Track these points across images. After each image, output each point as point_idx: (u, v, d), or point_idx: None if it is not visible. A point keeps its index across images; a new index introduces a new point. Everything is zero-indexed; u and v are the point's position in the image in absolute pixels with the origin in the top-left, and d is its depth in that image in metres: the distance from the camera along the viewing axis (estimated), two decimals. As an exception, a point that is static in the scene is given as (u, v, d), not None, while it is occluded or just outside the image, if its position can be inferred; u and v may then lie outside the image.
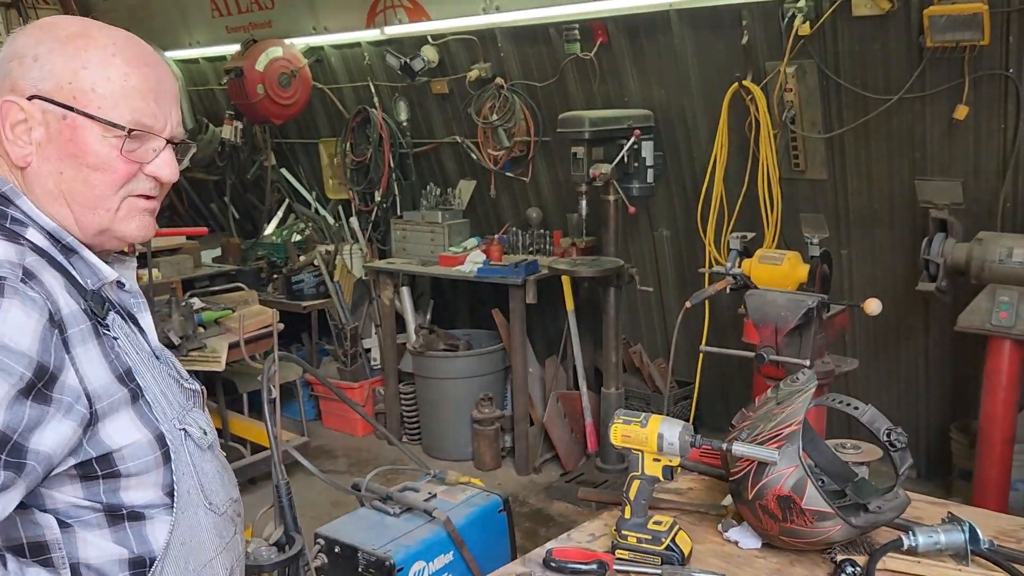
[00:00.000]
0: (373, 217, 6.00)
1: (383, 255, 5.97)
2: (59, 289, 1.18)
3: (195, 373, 4.91)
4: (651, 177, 4.63)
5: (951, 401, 4.31)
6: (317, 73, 6.05)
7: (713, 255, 4.54)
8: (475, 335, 5.61)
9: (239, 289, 5.34)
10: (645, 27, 4.53)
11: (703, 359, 4.67)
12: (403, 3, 5.28)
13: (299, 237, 6.50)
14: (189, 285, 5.54)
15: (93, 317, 1.22)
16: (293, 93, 5.84)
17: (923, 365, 4.35)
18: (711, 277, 3.89)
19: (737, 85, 4.26)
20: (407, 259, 5.56)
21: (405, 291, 5.76)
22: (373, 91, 5.80)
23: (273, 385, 2.63)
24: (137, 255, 4.63)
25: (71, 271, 1.23)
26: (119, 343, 1.25)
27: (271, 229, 6.82)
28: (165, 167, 1.30)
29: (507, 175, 5.42)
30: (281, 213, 6.90)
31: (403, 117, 5.78)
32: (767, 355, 3.04)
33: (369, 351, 5.94)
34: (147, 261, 4.28)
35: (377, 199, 5.90)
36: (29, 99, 1.21)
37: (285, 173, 6.81)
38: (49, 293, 1.16)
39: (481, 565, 2.55)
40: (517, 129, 5.19)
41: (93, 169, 1.23)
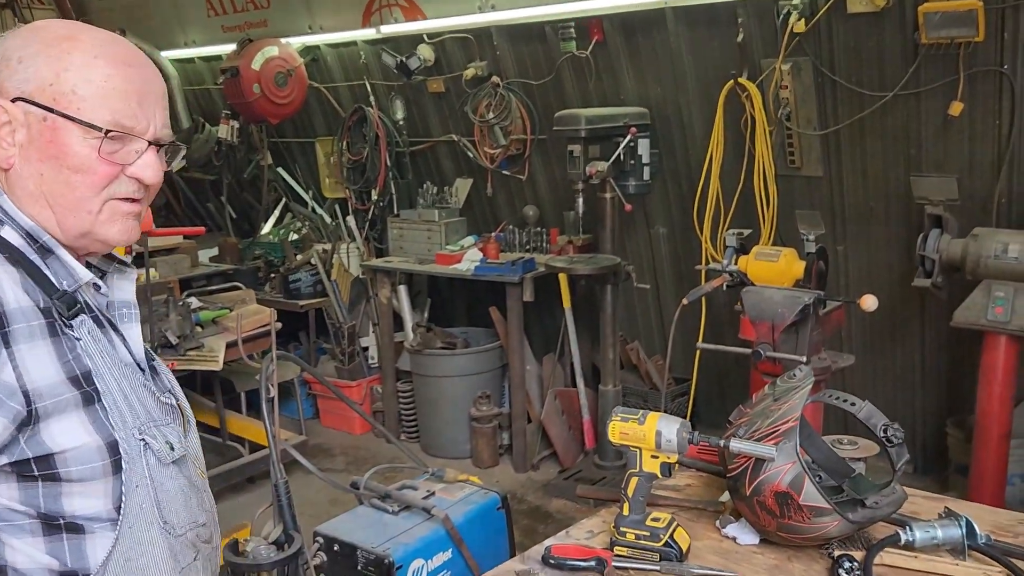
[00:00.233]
0: (370, 216, 6.00)
1: (380, 254, 5.98)
2: (9, 284, 1.18)
3: (192, 375, 4.92)
4: (647, 175, 4.63)
5: (947, 396, 4.33)
6: (313, 72, 6.05)
7: (709, 252, 4.55)
8: (472, 333, 5.62)
9: (236, 288, 5.34)
10: (641, 25, 4.53)
11: (700, 356, 4.68)
12: (399, 2, 5.28)
13: (296, 236, 6.49)
14: (186, 285, 5.53)
15: (53, 316, 1.20)
16: (289, 92, 5.84)
17: (919, 361, 4.37)
18: (708, 274, 3.90)
19: (733, 82, 4.28)
20: (404, 257, 5.56)
21: (402, 289, 5.77)
22: (369, 90, 5.80)
23: (271, 384, 2.64)
24: (134, 255, 4.64)
25: (44, 270, 1.23)
26: (82, 345, 1.22)
27: (268, 228, 6.81)
28: (147, 169, 1.28)
29: (504, 173, 5.43)
30: (278, 212, 6.90)
31: (399, 116, 5.78)
32: (764, 352, 3.06)
33: (367, 350, 5.95)
34: (145, 261, 4.28)
35: (374, 198, 5.91)
36: (13, 101, 1.22)
37: (282, 172, 6.81)
38: None
39: (480, 562, 2.55)
40: (513, 127, 5.20)
41: (73, 171, 1.23)
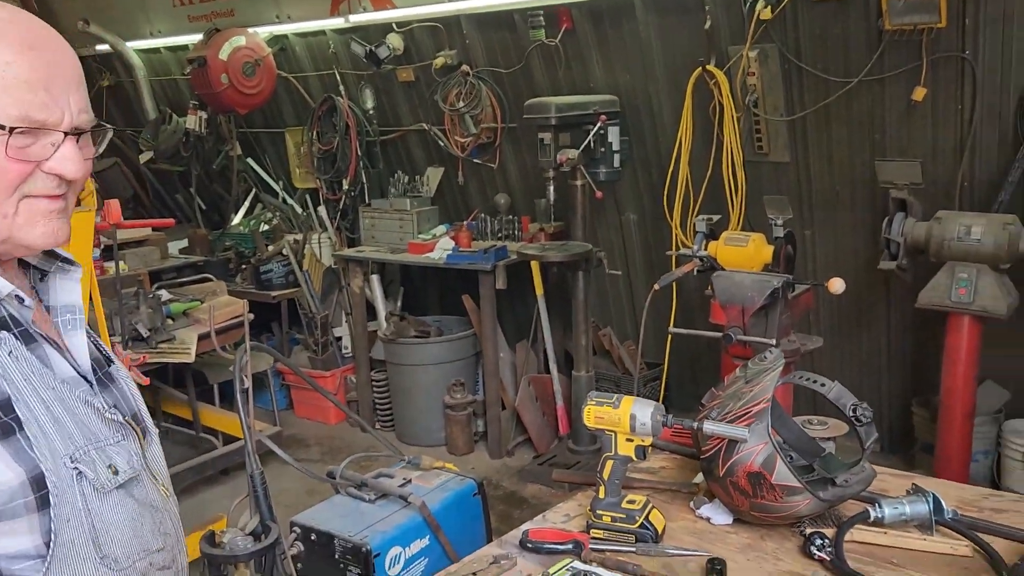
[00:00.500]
0: (341, 205, 5.98)
1: (352, 243, 5.96)
2: None
3: (165, 367, 4.88)
4: (617, 162, 4.66)
5: (912, 377, 4.41)
6: (281, 62, 6.00)
7: (680, 238, 4.59)
8: (446, 321, 5.63)
9: (207, 280, 5.31)
10: (609, 13, 4.55)
11: (672, 341, 4.73)
12: (367, -10, 5.26)
13: (267, 227, 6.46)
14: (156, 277, 5.49)
15: None
16: (258, 82, 5.80)
17: (885, 342, 4.45)
18: (678, 260, 3.94)
19: (701, 70, 4.31)
20: (376, 247, 5.56)
21: (375, 279, 5.76)
22: (339, 79, 5.77)
23: (245, 374, 2.63)
24: (103, 247, 4.59)
25: None
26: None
27: (238, 219, 6.77)
28: (67, 163, 1.13)
29: (475, 162, 5.43)
30: (248, 203, 6.85)
31: (369, 105, 5.76)
32: (734, 335, 3.10)
33: (340, 339, 5.94)
34: (114, 253, 4.24)
35: (345, 187, 5.89)
36: None
37: (251, 163, 6.76)
38: None
39: (457, 548, 2.57)
40: (484, 116, 5.20)
41: None
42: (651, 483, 2.03)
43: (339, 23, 5.53)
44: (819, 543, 1.65)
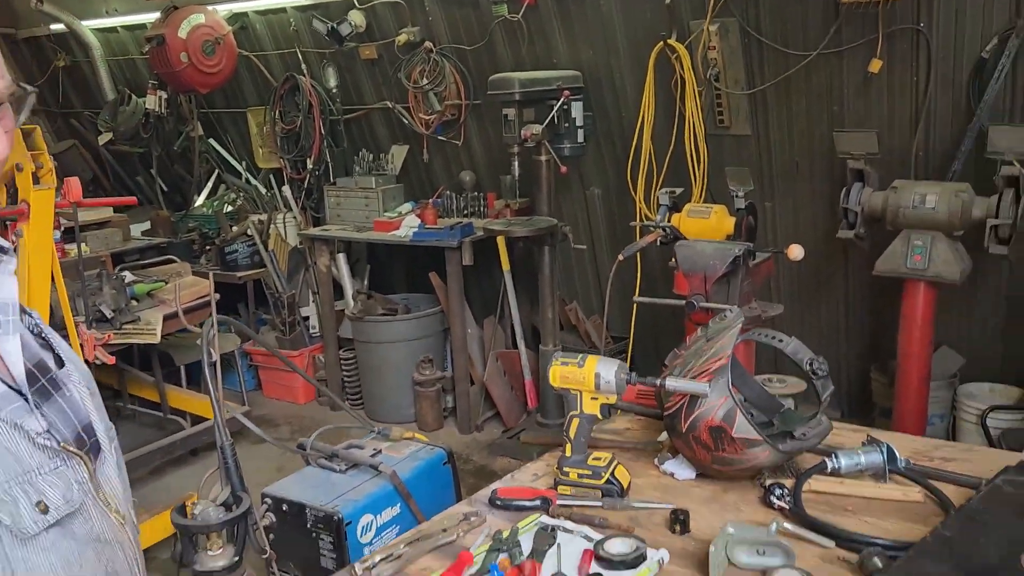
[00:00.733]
0: (306, 185, 5.97)
1: (317, 223, 5.95)
2: None
3: (130, 349, 4.81)
4: (581, 137, 4.70)
5: (870, 343, 4.51)
6: (242, 40, 5.95)
7: (643, 211, 4.64)
8: (413, 299, 5.65)
9: (171, 262, 5.27)
10: (571, -13, 4.57)
11: (636, 312, 4.78)
12: (328, -34, 5.22)
13: (231, 208, 6.42)
14: (119, 259, 5.45)
15: None
16: (218, 61, 5.74)
17: (844, 309, 4.54)
18: (642, 231, 3.99)
19: (662, 44, 4.35)
20: (342, 226, 5.55)
21: (341, 258, 5.76)
22: (300, 58, 5.74)
23: (212, 348, 2.63)
24: (63, 229, 4.52)
25: None
26: None
27: (201, 200, 6.71)
28: None
29: (439, 139, 5.44)
30: (211, 184, 6.80)
31: (332, 83, 5.74)
32: (697, 303, 3.15)
33: (307, 319, 5.94)
34: (76, 234, 4.19)
35: (309, 167, 5.87)
36: None
37: (213, 143, 6.71)
38: None
39: (428, 516, 2.59)
40: (448, 93, 5.20)
41: None
42: (617, 443, 2.08)
43: (300, 0, 5.49)
44: (778, 493, 1.70)
